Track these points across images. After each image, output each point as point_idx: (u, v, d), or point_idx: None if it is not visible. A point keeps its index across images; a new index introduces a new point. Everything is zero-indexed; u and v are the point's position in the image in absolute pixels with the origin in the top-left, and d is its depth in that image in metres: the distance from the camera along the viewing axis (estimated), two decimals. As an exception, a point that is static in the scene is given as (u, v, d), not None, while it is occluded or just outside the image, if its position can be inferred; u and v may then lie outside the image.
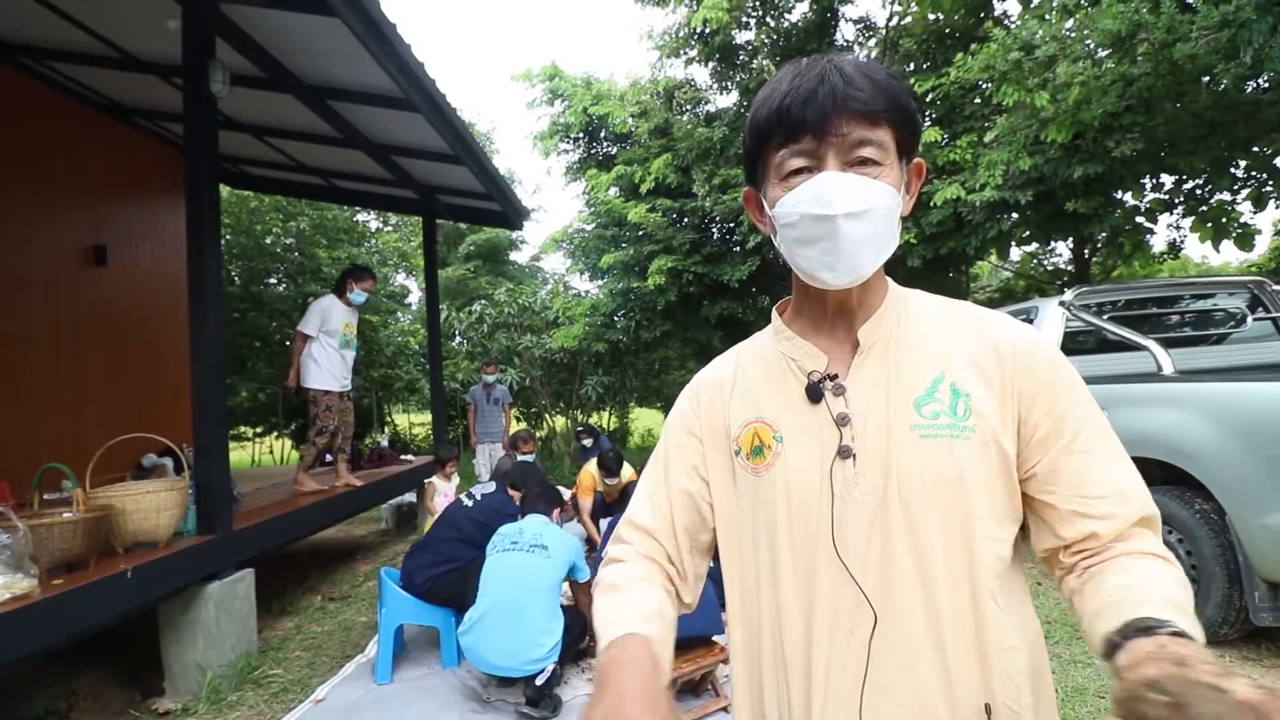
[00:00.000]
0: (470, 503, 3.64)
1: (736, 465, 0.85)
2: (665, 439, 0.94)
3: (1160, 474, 3.34)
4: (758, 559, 0.83)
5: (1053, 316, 4.08)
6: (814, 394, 0.81)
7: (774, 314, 0.93)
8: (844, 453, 0.77)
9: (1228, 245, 6.68)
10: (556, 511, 3.36)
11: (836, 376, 0.81)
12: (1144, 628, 0.61)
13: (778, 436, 0.82)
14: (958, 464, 0.74)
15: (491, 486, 3.82)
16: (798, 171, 0.75)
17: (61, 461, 2.94)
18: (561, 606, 3.13)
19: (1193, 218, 6.90)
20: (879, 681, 0.73)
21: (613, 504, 5.53)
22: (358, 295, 4.94)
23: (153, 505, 3.05)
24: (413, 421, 15.38)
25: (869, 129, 0.73)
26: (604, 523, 5.45)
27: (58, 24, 4.15)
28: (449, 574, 3.32)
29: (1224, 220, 6.64)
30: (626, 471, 5.44)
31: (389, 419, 14.81)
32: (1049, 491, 0.75)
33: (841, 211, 0.72)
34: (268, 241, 11.64)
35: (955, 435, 0.75)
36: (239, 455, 13.04)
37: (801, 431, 0.81)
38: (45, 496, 2.97)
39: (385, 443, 8.15)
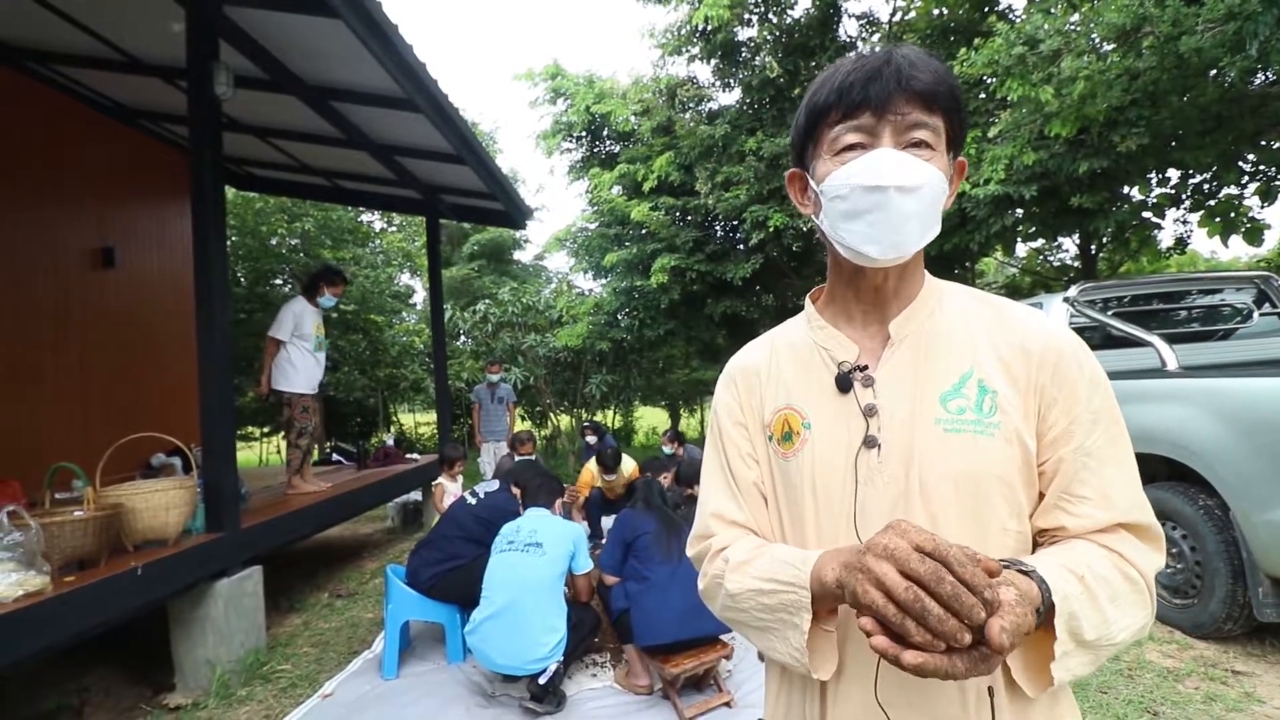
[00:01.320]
0: (474, 500, 3.66)
1: (769, 450, 0.88)
2: (719, 431, 0.95)
3: (1165, 470, 3.34)
4: (785, 541, 0.86)
5: (1057, 313, 4.06)
6: (843, 384, 0.83)
7: (807, 301, 0.95)
8: (869, 442, 0.79)
9: (1236, 240, 6.65)
10: (558, 503, 3.37)
11: (866, 368, 0.83)
12: (1003, 564, 0.65)
13: (806, 423, 0.84)
14: (979, 459, 0.76)
15: (495, 485, 3.84)
16: (852, 147, 0.77)
17: (72, 461, 2.98)
18: (573, 604, 3.15)
19: (1200, 212, 6.86)
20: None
21: (614, 501, 5.54)
22: (328, 299, 4.83)
23: (162, 504, 3.08)
24: (418, 421, 15.46)
25: (926, 113, 0.76)
26: (606, 520, 5.47)
27: (64, 28, 4.19)
28: (453, 571, 3.34)
29: (1232, 215, 6.60)
30: (627, 467, 5.45)
31: (394, 418, 14.87)
32: (1045, 486, 0.78)
33: (894, 184, 0.74)
34: (273, 243, 11.69)
35: (979, 431, 0.76)
36: (246, 454, 13.12)
37: (829, 419, 0.83)
38: (56, 495, 3.01)
39: (391, 442, 8.18)
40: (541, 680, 2.82)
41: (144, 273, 5.98)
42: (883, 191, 0.74)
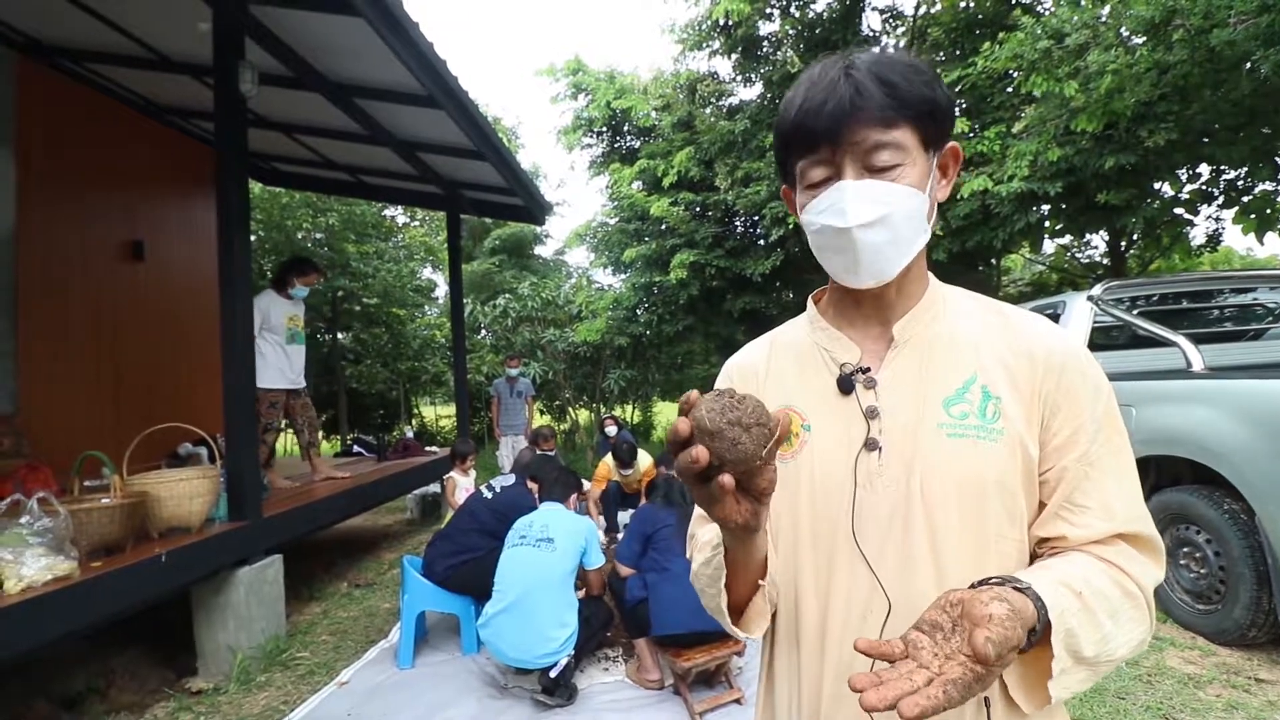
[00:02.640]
0: (490, 494, 3.70)
1: None
2: None
3: (1189, 473, 3.28)
4: (778, 542, 0.85)
5: (1080, 312, 3.99)
6: (845, 385, 0.82)
7: (809, 302, 0.94)
8: (870, 445, 0.79)
9: (1273, 237, 6.46)
10: (573, 498, 3.38)
11: (869, 370, 0.82)
12: (996, 581, 0.65)
13: (806, 425, 0.84)
14: (980, 465, 0.75)
15: (511, 479, 3.88)
16: (820, 181, 0.78)
17: (101, 450, 3.06)
18: (586, 598, 3.18)
19: (1234, 209, 6.67)
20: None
21: (632, 495, 5.56)
22: (299, 290, 4.78)
23: (186, 492, 3.16)
24: (439, 414, 15.63)
25: (883, 131, 0.74)
26: (623, 515, 5.49)
27: (96, 27, 4.30)
28: (467, 564, 3.38)
29: (1268, 211, 6.42)
30: (643, 462, 5.47)
31: (416, 411, 15.06)
32: (1046, 494, 0.77)
33: (855, 224, 0.74)
34: (298, 237, 11.88)
35: (981, 437, 0.76)
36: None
37: (830, 422, 0.82)
38: (85, 483, 3.09)
39: (411, 434, 8.30)
40: (552, 674, 2.84)
41: (172, 266, 6.11)
42: (846, 234, 0.75)
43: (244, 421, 3.52)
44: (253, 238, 7.91)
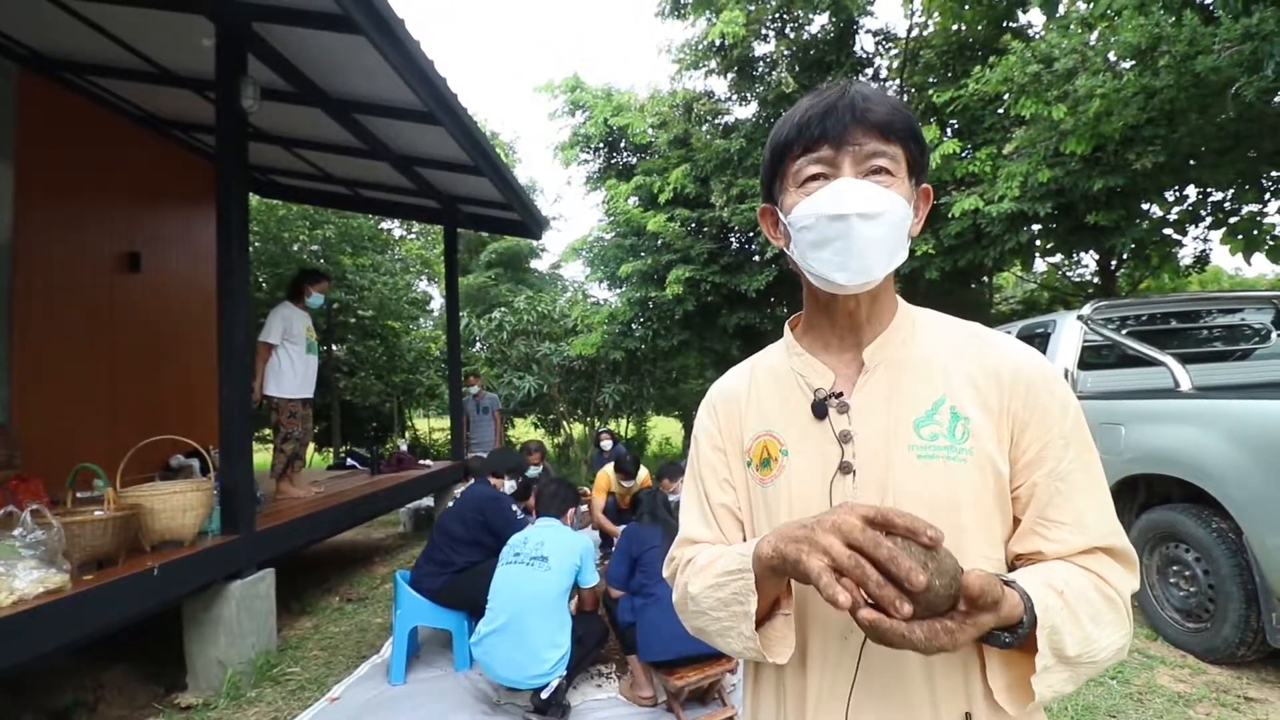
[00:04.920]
0: (452, 504, 3.69)
1: (748, 476, 0.89)
2: (697, 455, 0.97)
3: (1178, 492, 3.31)
4: None
5: (1070, 331, 4.05)
6: (819, 410, 0.84)
7: (786, 329, 0.96)
8: (844, 468, 0.81)
9: (1260, 257, 6.55)
10: (570, 512, 3.35)
11: (842, 394, 0.84)
12: None
13: (784, 450, 0.86)
14: (952, 485, 0.77)
15: (471, 482, 3.87)
16: (814, 178, 0.80)
17: (94, 461, 3.05)
18: (580, 615, 3.16)
19: (1222, 230, 6.78)
20: (868, 686, 0.77)
21: (625, 511, 5.56)
22: (315, 299, 4.88)
23: (179, 505, 3.15)
24: (433, 426, 15.56)
25: (883, 143, 0.78)
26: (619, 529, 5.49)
27: (98, 40, 4.33)
28: (448, 577, 3.37)
29: (1255, 232, 6.52)
30: (642, 475, 5.51)
31: (410, 424, 15.00)
32: (1019, 510, 0.79)
33: (855, 211, 0.76)
34: (295, 249, 11.88)
35: (951, 457, 0.78)
36: (263, 457, 13.26)
37: (806, 446, 0.84)
38: (78, 495, 3.08)
39: (405, 448, 8.28)
40: (544, 695, 2.83)
41: (168, 277, 6.11)
42: (845, 220, 0.76)
43: (239, 434, 3.52)
44: (249, 249, 7.93)
